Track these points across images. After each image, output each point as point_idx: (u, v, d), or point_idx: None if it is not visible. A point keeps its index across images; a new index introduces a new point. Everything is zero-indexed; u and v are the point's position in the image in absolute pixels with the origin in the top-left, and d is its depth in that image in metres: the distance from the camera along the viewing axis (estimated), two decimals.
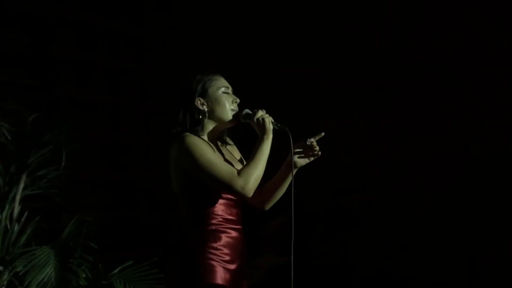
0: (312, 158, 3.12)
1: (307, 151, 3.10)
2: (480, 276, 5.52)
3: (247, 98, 3.13)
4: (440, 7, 5.88)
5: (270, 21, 6.54)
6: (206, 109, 3.03)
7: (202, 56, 6.63)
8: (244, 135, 3.23)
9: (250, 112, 3.03)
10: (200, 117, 3.02)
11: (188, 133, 2.96)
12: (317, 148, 3.08)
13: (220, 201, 2.96)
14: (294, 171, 3.08)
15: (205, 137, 3.03)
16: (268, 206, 3.19)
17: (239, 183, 2.85)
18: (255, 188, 2.90)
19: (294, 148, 3.07)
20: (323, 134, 3.10)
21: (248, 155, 2.98)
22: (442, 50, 5.93)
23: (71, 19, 6.59)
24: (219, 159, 2.92)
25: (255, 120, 2.99)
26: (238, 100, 3.08)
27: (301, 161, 3.11)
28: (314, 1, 6.43)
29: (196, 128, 3.00)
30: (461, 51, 5.82)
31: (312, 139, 3.09)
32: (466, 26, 5.82)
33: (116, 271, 4.48)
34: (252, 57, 6.55)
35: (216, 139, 3.11)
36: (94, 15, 6.78)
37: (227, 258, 2.94)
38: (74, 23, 6.64)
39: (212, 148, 2.97)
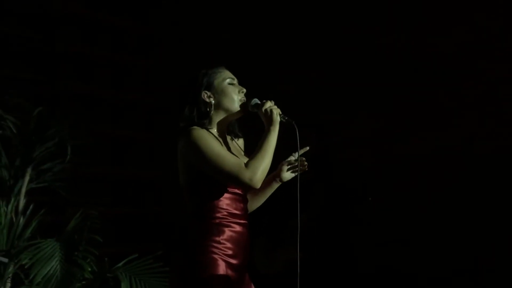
0: (299, 172, 3.15)
1: (295, 165, 3.15)
2: (482, 273, 5.51)
3: (251, 94, 3.14)
4: (442, 4, 5.88)
5: (273, 18, 6.54)
6: (213, 102, 3.03)
7: (205, 51, 6.63)
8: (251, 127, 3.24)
9: (259, 102, 3.04)
10: (208, 109, 3.02)
11: (195, 127, 2.95)
12: (306, 163, 3.13)
13: (226, 195, 2.97)
14: (278, 185, 3.17)
15: (213, 130, 3.03)
16: None
17: (247, 174, 2.85)
18: (263, 180, 2.90)
19: (283, 165, 3.14)
20: (308, 148, 3.15)
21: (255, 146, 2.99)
22: (445, 47, 5.92)
23: (74, 15, 6.60)
24: (226, 152, 2.92)
25: (263, 110, 3.00)
26: (244, 90, 3.09)
27: (288, 176, 3.18)
28: None
29: (204, 121, 3.00)
30: (464, 47, 5.82)
31: (297, 154, 3.13)
32: (469, 23, 5.82)
33: (121, 264, 4.49)
34: (255, 53, 6.55)
35: (225, 131, 3.11)
36: (97, 11, 6.79)
37: (230, 252, 2.94)
38: (77, 19, 6.66)
39: (219, 141, 2.98)
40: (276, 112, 2.98)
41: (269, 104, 3.01)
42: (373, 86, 6.13)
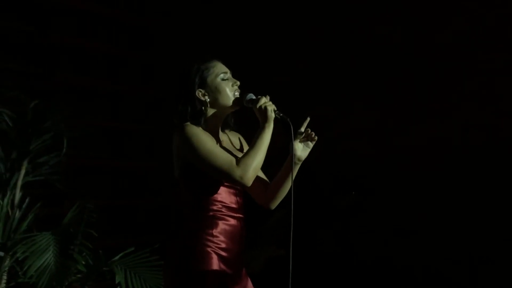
0: (311, 144, 3.10)
1: (303, 139, 3.10)
2: (479, 263, 5.53)
3: (247, 86, 3.11)
4: None
5: (270, 9, 6.52)
6: (208, 100, 3.00)
7: (201, 42, 6.62)
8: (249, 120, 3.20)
9: (254, 97, 3.00)
10: (203, 107, 2.99)
11: (188, 123, 2.94)
12: (313, 133, 3.08)
13: (222, 188, 2.95)
14: (299, 165, 3.08)
15: (208, 126, 3.00)
16: (273, 205, 3.15)
17: (237, 172, 2.83)
18: (254, 177, 2.87)
19: (294, 143, 3.06)
20: (308, 119, 3.10)
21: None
22: (442, 37, 5.92)
23: (70, 6, 6.58)
24: (218, 149, 2.90)
25: (257, 107, 2.96)
26: (238, 83, 3.05)
27: (303, 154, 3.10)
28: None
29: (198, 119, 2.98)
30: (462, 38, 5.82)
31: (302, 129, 3.09)
32: (466, 13, 5.81)
33: (117, 257, 4.48)
34: (251, 45, 6.54)
35: (219, 126, 3.08)
36: (94, 2, 6.76)
37: (223, 245, 2.93)
38: (74, 10, 6.64)
39: (213, 138, 2.96)
40: (271, 108, 2.94)
41: (264, 100, 2.96)
42: (371, 77, 6.12)
